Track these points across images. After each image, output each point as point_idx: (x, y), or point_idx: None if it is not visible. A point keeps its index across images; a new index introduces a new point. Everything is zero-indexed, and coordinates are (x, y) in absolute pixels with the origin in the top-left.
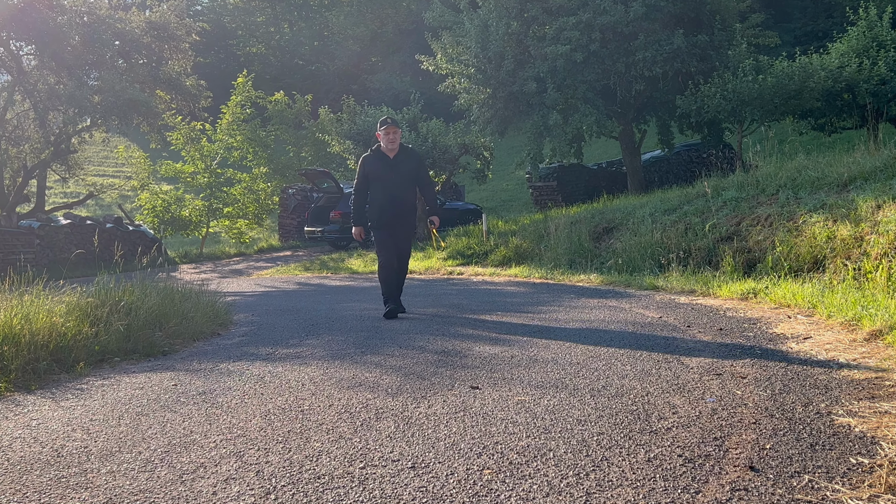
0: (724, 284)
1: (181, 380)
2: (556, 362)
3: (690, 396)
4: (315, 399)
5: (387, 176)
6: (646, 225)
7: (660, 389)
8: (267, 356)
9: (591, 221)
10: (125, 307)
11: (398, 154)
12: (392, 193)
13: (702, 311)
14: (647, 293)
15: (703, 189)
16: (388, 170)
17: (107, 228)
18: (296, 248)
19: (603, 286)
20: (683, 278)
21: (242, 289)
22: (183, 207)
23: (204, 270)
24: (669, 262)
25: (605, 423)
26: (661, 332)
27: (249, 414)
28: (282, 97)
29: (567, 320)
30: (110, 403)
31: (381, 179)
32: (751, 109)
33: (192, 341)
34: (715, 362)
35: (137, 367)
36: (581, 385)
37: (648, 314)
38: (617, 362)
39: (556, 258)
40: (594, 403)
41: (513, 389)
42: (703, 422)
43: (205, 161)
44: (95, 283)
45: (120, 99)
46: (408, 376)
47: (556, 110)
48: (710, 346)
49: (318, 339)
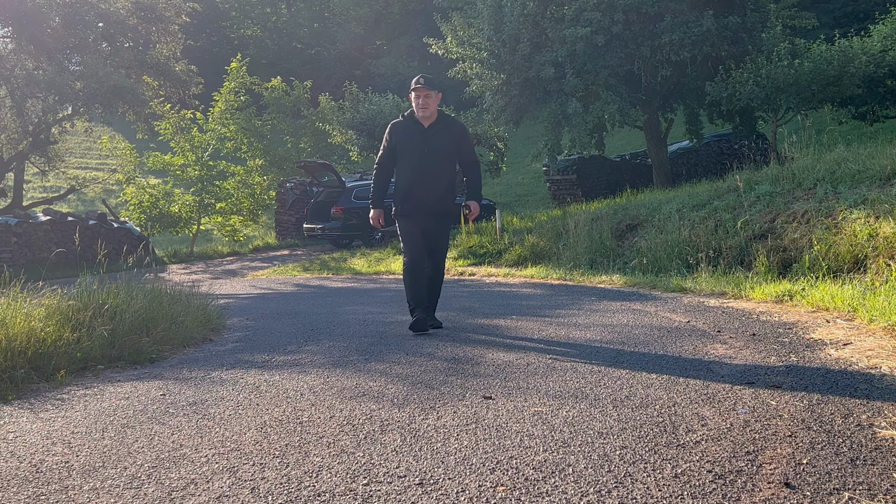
0: (757, 286)
1: (170, 389)
2: (575, 370)
3: (721, 407)
4: (315, 410)
5: (418, 150)
6: (673, 222)
7: (688, 399)
8: (263, 364)
9: (613, 218)
10: (109, 311)
11: (435, 123)
12: (423, 172)
13: (733, 315)
14: (674, 295)
15: (735, 183)
16: (420, 142)
17: (89, 225)
18: (294, 247)
19: (626, 288)
20: (713, 279)
21: (236, 291)
22: (172, 203)
23: (195, 271)
24: (698, 262)
25: (628, 435)
26: (689, 337)
27: (244, 426)
28: (279, 84)
29: (587, 325)
30: (93, 415)
31: (410, 154)
32: (786, 97)
33: (181, 348)
34: (747, 370)
35: (123, 376)
36: (602, 395)
37: (675, 318)
38: (641, 370)
39: (576, 258)
40: (617, 415)
41: (529, 399)
42: (734, 435)
43: (195, 153)
44: (77, 284)
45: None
46: (415, 385)
47: (576, 98)
48: (743, 352)
49: (318, 345)
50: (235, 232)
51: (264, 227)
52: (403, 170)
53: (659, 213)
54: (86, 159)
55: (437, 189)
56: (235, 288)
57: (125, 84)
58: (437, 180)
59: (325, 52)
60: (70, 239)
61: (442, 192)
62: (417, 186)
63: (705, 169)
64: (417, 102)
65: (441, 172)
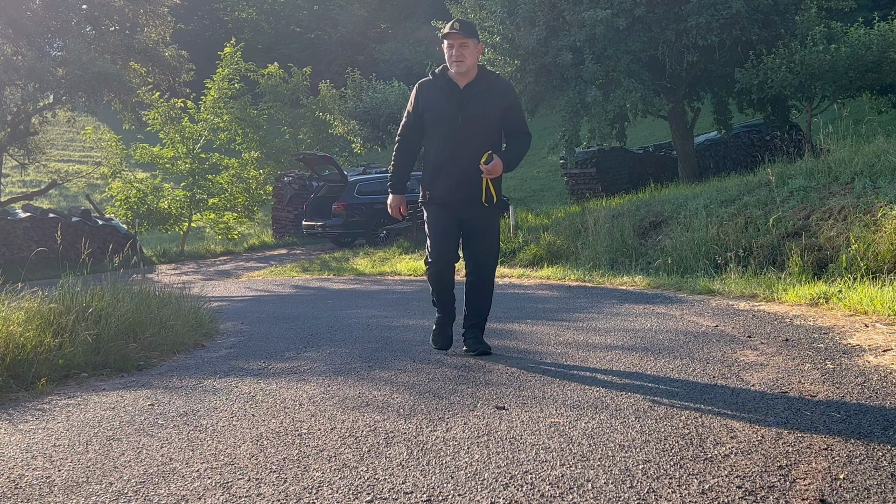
0: (790, 288)
1: (159, 399)
2: (594, 378)
3: (752, 418)
4: (315, 421)
5: (452, 117)
6: (699, 219)
7: (716, 410)
8: (259, 371)
9: (635, 214)
10: (94, 314)
11: (474, 83)
12: (459, 147)
13: (765, 319)
14: (701, 298)
15: (767, 177)
16: (454, 107)
17: (72, 223)
18: (292, 246)
19: (650, 290)
20: (743, 281)
21: (230, 293)
22: (161, 198)
23: (185, 272)
24: (727, 262)
25: (652, 448)
26: (717, 343)
27: (238, 438)
28: (276, 70)
29: (608, 330)
30: (76, 426)
31: (442, 123)
32: (821, 84)
33: (171, 354)
34: (780, 378)
35: (108, 384)
36: (624, 405)
37: (703, 322)
38: (666, 378)
39: (596, 257)
40: (639, 426)
41: (545, 410)
42: (766, 447)
43: (186, 144)
44: (59, 286)
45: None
46: (422, 395)
47: (595, 85)
48: (775, 359)
49: (318, 351)
50: (229, 230)
51: (260, 225)
52: (434, 144)
53: (685, 209)
54: (68, 151)
55: (477, 168)
56: (229, 290)
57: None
58: (476, 157)
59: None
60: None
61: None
62: (451, 165)
63: (734, 162)
64: (451, 54)
65: (482, 146)
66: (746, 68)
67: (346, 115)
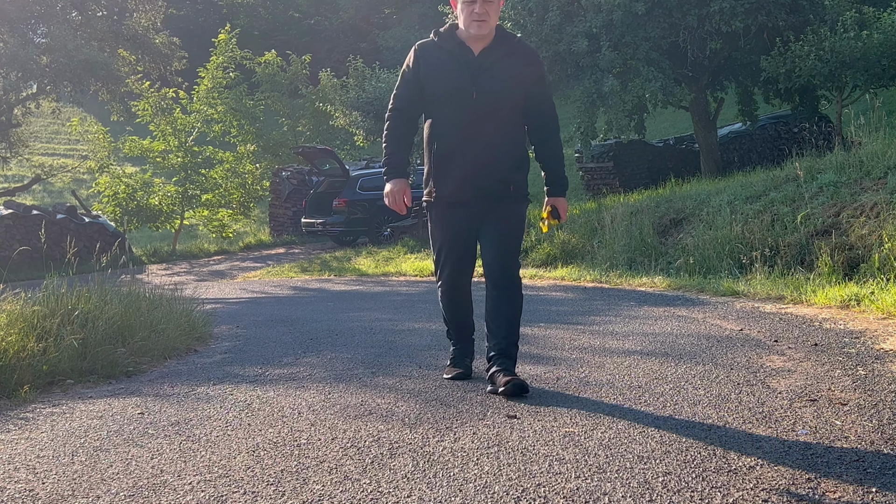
0: (819, 289)
1: (149, 407)
2: (612, 385)
3: (778, 427)
4: (314, 431)
5: (464, 91)
6: (723, 216)
7: (740, 419)
8: (255, 378)
9: (655, 211)
10: (80, 318)
11: (492, 47)
12: (472, 132)
13: (792, 323)
14: (724, 300)
15: (794, 171)
16: (467, 78)
17: (57, 220)
18: (291, 245)
19: (670, 291)
20: (769, 282)
21: (225, 295)
22: (151, 194)
23: (177, 272)
24: (752, 262)
25: (672, 460)
26: (741, 348)
27: (233, 449)
28: (274, 58)
29: (626, 334)
30: (62, 436)
31: (451, 99)
32: (853, 73)
33: (162, 359)
34: (808, 385)
35: (95, 392)
36: (643, 413)
37: (726, 326)
38: (688, 385)
39: (613, 257)
40: (659, 436)
41: (559, 419)
42: (793, 459)
43: (178, 137)
44: (43, 287)
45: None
46: (429, 403)
47: (613, 74)
48: (803, 365)
49: (318, 356)
50: (224, 227)
51: (257, 222)
52: (440, 126)
53: (707, 205)
54: (53, 144)
55: (496, 156)
56: (224, 291)
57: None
58: (497, 141)
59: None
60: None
61: (506, 160)
62: (463, 154)
63: (760, 155)
64: (471, 11)
65: (503, 128)
66: (773, 56)
67: (347, 105)
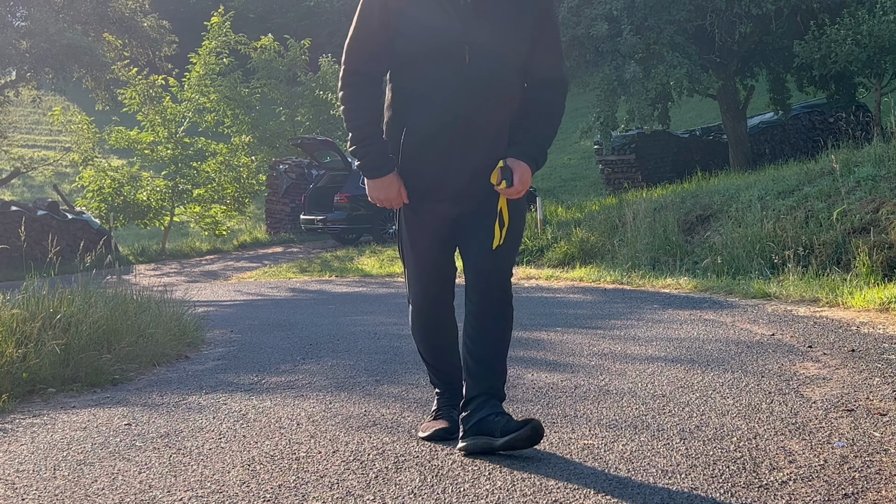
0: (856, 291)
1: (137, 418)
2: (634, 394)
3: (813, 440)
4: (314, 443)
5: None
6: (753, 212)
7: (772, 430)
8: (251, 386)
9: (680, 207)
10: (63, 321)
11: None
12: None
13: (827, 327)
14: (755, 303)
15: (830, 164)
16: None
17: (38, 217)
18: (289, 244)
19: (696, 293)
20: (803, 283)
21: (218, 297)
22: (139, 189)
23: (167, 272)
24: (784, 262)
25: (698, 474)
26: (773, 354)
27: (227, 463)
28: (270, 42)
29: (649, 339)
30: (43, 449)
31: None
32: (893, 59)
33: (151, 367)
34: (845, 395)
35: (79, 401)
36: (667, 425)
37: (757, 331)
38: (715, 394)
39: (635, 256)
40: (685, 449)
41: (577, 430)
42: (829, 473)
43: (168, 127)
44: (23, 288)
45: (55, 45)
46: None
47: (635, 60)
48: (839, 372)
49: (318, 363)
50: (217, 225)
51: (252, 219)
52: (412, 102)
53: (736, 201)
54: (33, 136)
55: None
56: (217, 293)
57: (82, 43)
58: (492, 131)
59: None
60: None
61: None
62: (446, 149)
63: (793, 147)
64: None
65: (502, 109)
66: (807, 40)
67: None
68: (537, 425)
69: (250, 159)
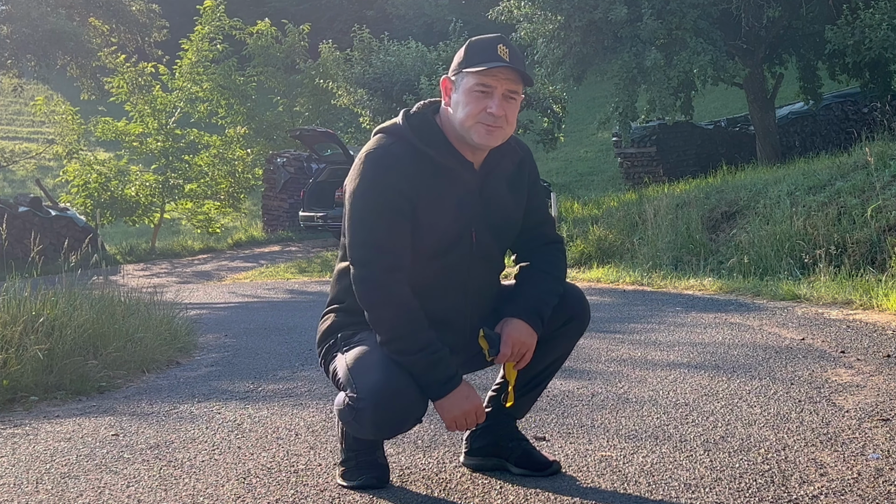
0: (892, 293)
1: (125, 428)
2: (655, 403)
3: (846, 451)
4: (314, 455)
5: (463, 235)
6: (782, 208)
7: (802, 441)
8: (246, 394)
9: (704, 203)
10: (45, 325)
11: (492, 160)
12: (475, 281)
13: (861, 331)
14: (783, 305)
15: (864, 157)
16: (467, 213)
17: (19, 213)
18: (287, 242)
19: (722, 295)
20: (835, 284)
21: (212, 299)
22: (127, 184)
23: (157, 273)
24: (815, 262)
25: (724, 488)
26: (803, 360)
27: (221, 476)
28: (267, 28)
29: (671, 343)
30: (24, 461)
31: (445, 251)
32: None
33: (139, 373)
34: (880, 403)
35: (63, 410)
36: (690, 435)
37: (786, 335)
38: (742, 403)
39: (656, 256)
40: (709, 461)
41: (594, 441)
42: (863, 487)
43: (158, 118)
44: (3, 290)
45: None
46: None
47: (656, 46)
48: (874, 379)
49: (317, 370)
50: (210, 222)
51: (248, 216)
52: (429, 281)
53: (764, 196)
54: (14, 127)
55: (488, 304)
56: (210, 295)
57: (66, 28)
58: (486, 292)
59: None
60: None
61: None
62: (456, 314)
63: (825, 139)
64: (481, 108)
65: (493, 275)
66: (839, 25)
67: (351, 82)
68: (557, 469)
69: (246, 152)
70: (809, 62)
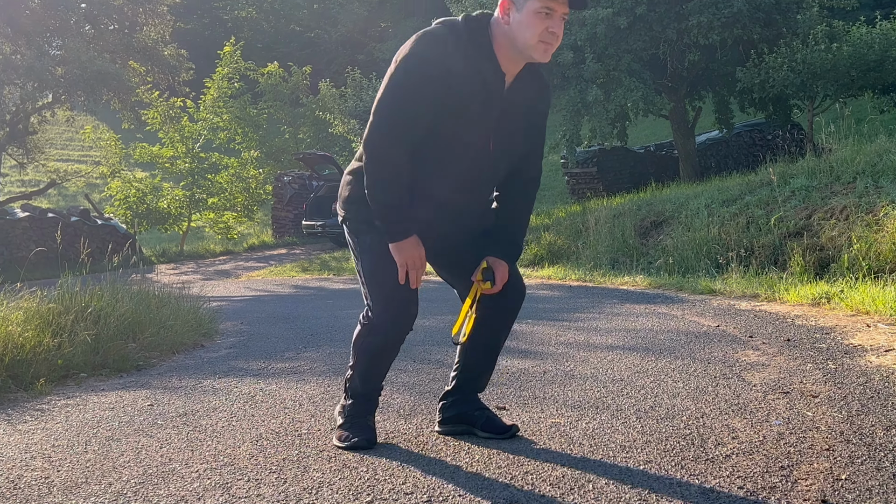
0: (792, 288)
1: (158, 399)
2: (595, 379)
3: (753, 419)
4: (315, 422)
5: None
6: (701, 218)
7: (717, 410)
8: (258, 371)
9: (636, 214)
10: (93, 314)
11: (522, 76)
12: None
13: (766, 319)
14: (702, 298)
15: (768, 176)
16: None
17: (71, 222)
18: (292, 246)
19: (651, 290)
20: (745, 280)
21: (230, 293)
22: (160, 198)
23: (185, 271)
24: (728, 262)
25: (652, 449)
26: (718, 343)
27: (238, 439)
28: (276, 69)
29: (609, 330)
30: (75, 427)
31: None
32: (823, 83)
33: (170, 354)
34: (781, 379)
35: (107, 385)
36: (625, 405)
37: (704, 322)
38: (667, 379)
39: (597, 257)
40: (640, 427)
41: (545, 410)
42: (767, 448)
43: (186, 143)
44: (58, 285)
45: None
46: (423, 395)
47: (596, 84)
48: (776, 359)
49: (317, 351)
50: (229, 229)
51: (260, 225)
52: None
53: (686, 208)
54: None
55: (482, 202)
56: (229, 290)
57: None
58: (488, 187)
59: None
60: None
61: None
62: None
63: (736, 161)
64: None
65: (498, 173)
66: (748, 67)
67: (346, 114)
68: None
69: (258, 172)
70: (723, 97)
